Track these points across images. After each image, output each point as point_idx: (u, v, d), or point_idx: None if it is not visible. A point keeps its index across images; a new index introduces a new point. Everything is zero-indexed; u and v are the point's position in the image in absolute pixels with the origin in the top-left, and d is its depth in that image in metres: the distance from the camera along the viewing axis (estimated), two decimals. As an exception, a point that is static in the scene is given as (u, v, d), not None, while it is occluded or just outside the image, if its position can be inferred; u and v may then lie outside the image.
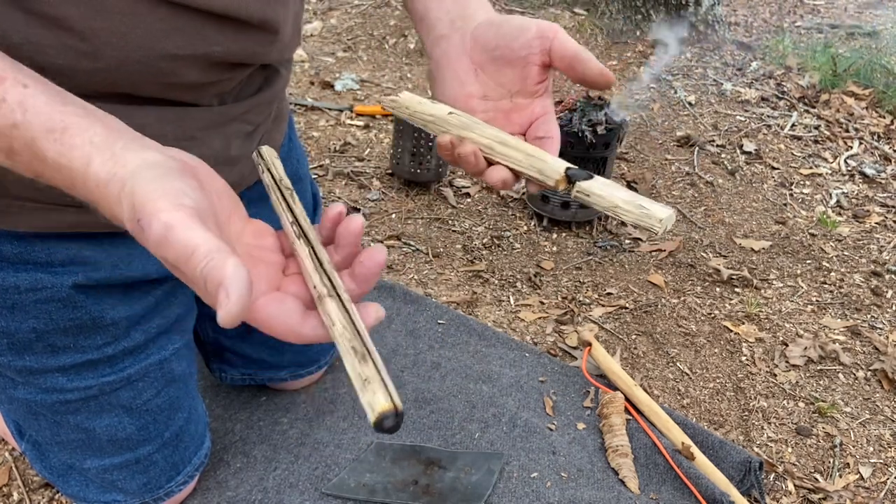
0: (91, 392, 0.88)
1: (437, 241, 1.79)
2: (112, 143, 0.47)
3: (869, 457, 1.31)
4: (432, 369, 1.35)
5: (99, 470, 0.95)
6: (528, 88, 0.67)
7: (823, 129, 2.52)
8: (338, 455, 1.16)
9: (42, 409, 0.90)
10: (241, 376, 1.22)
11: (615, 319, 1.58)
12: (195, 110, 0.76)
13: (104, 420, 0.91)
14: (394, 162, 1.94)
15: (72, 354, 0.85)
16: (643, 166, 2.19)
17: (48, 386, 0.87)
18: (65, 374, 0.86)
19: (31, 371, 0.85)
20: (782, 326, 1.60)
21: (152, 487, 1.00)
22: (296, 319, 0.47)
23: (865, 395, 1.44)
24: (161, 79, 0.68)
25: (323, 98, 2.44)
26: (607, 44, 3.06)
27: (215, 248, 0.41)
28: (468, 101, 0.68)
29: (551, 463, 1.17)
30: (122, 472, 0.96)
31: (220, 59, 0.70)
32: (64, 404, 0.89)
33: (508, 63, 0.66)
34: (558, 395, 1.32)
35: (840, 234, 1.97)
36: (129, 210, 0.44)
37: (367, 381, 0.44)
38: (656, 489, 1.16)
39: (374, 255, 0.49)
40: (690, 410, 1.37)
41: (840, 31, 3.53)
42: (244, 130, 0.84)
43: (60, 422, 0.91)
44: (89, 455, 0.94)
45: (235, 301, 0.39)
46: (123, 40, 0.63)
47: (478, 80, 0.69)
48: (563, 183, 0.62)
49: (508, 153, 0.64)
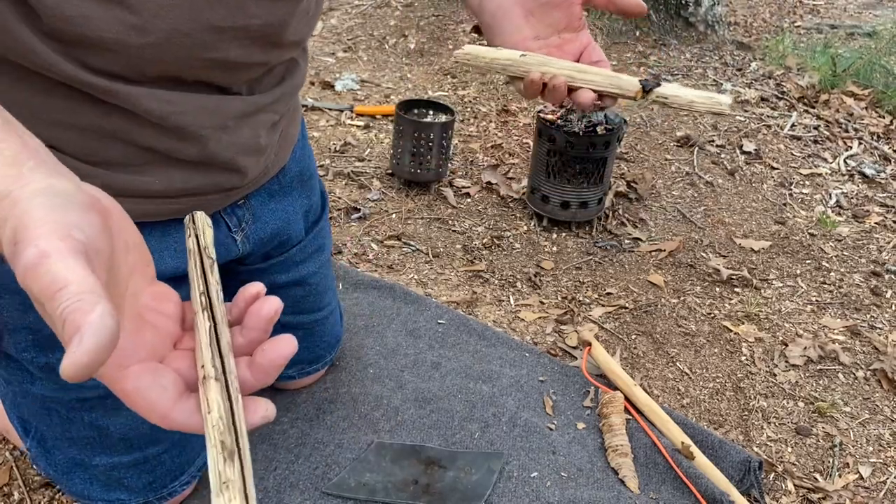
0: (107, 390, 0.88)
1: (437, 241, 1.79)
2: (23, 160, 0.41)
3: (868, 456, 1.31)
4: (432, 369, 1.35)
5: (106, 467, 0.96)
6: (573, 24, 0.81)
7: (823, 129, 2.53)
8: (338, 454, 1.16)
9: (58, 405, 0.90)
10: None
11: (615, 319, 1.58)
12: (230, 99, 0.79)
13: (119, 419, 0.92)
14: (394, 162, 1.94)
15: None
16: (643, 166, 2.19)
17: (68, 383, 0.86)
18: None
19: (53, 368, 0.85)
20: (782, 326, 1.60)
21: (157, 486, 1.00)
22: (166, 398, 0.42)
23: (865, 394, 1.45)
24: (205, 54, 0.71)
25: (323, 98, 2.44)
26: (607, 44, 3.06)
27: (88, 290, 0.35)
28: (525, 43, 0.80)
29: (551, 462, 1.17)
30: (130, 471, 0.97)
31: (258, 32, 0.74)
32: (81, 402, 0.89)
33: (555, 5, 0.79)
34: (558, 394, 1.32)
35: (840, 234, 1.97)
36: (10, 232, 0.38)
37: (225, 485, 0.39)
38: (656, 489, 1.16)
39: (279, 347, 0.44)
40: (690, 410, 1.37)
41: (840, 31, 3.53)
42: (271, 120, 0.87)
43: (74, 419, 0.91)
44: (99, 452, 0.94)
45: (86, 350, 0.33)
46: (171, 12, 0.65)
47: (529, 24, 0.80)
48: (640, 93, 0.76)
49: (588, 78, 0.77)
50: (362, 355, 1.36)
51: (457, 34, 3.05)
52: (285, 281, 1.10)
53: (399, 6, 3.37)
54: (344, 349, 1.37)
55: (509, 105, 2.50)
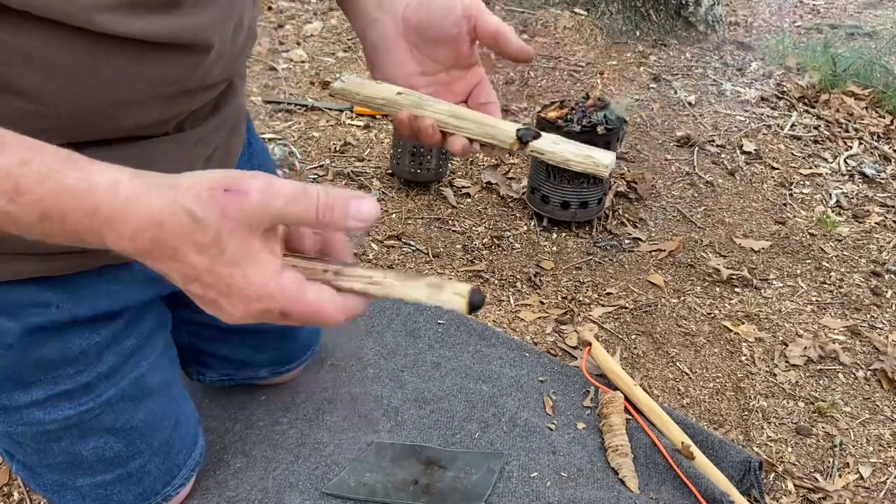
0: (71, 421, 0.87)
1: (437, 241, 1.79)
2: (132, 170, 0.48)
3: (868, 456, 1.31)
4: (432, 369, 1.35)
5: (92, 486, 0.94)
6: (462, 61, 0.72)
7: (823, 129, 2.53)
8: (338, 455, 1.16)
9: (24, 439, 0.88)
10: (220, 377, 1.20)
11: (615, 319, 1.58)
12: (157, 141, 0.74)
13: (89, 444, 0.90)
14: (394, 162, 1.94)
15: (44, 388, 0.83)
16: (643, 166, 2.19)
17: (26, 420, 0.85)
18: (40, 407, 0.84)
19: (5, 409, 0.84)
20: (782, 326, 1.60)
21: (149, 495, 0.99)
22: (339, 299, 0.50)
23: (865, 394, 1.45)
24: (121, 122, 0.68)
25: (323, 98, 2.44)
26: (607, 44, 3.06)
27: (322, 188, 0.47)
28: (410, 79, 0.72)
29: (551, 462, 1.17)
30: (117, 486, 0.95)
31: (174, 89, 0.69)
32: (45, 434, 0.87)
33: (441, 42, 0.71)
34: (558, 394, 1.32)
35: (840, 234, 1.97)
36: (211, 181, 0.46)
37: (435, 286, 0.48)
38: (656, 489, 1.16)
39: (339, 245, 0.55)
40: (690, 410, 1.37)
41: (840, 31, 3.53)
42: (205, 154, 0.83)
43: (45, 449, 0.89)
44: (80, 474, 0.93)
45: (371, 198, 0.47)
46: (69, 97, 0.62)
47: (414, 58, 0.73)
48: (516, 144, 0.68)
49: (462, 125, 0.69)
50: (362, 355, 1.36)
51: (457, 34, 3.04)
52: None
53: (399, 6, 3.37)
54: (344, 349, 1.37)
55: (509, 105, 2.50)
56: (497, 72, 2.74)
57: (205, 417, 1.21)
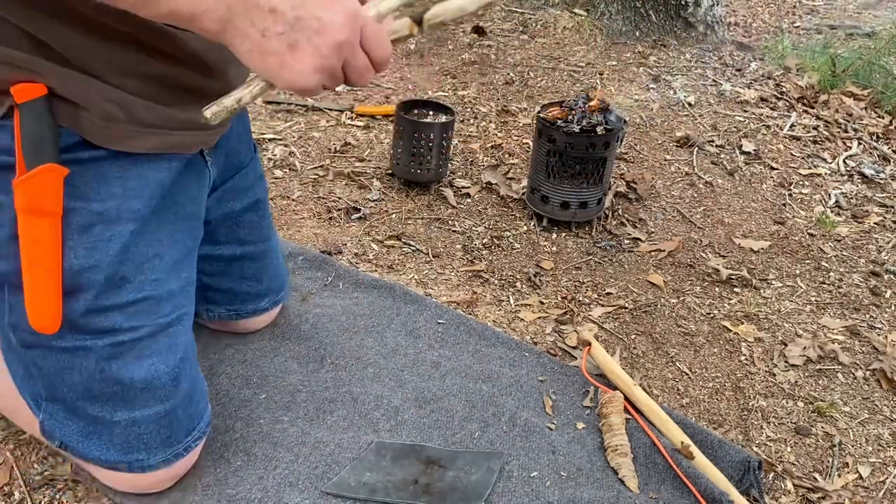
0: (140, 333, 0.97)
1: (437, 241, 1.79)
2: None
3: (868, 456, 1.32)
4: (432, 369, 1.35)
5: (127, 423, 1.00)
6: None
7: (822, 129, 2.53)
8: (338, 454, 1.16)
9: (85, 359, 0.95)
10: (228, 312, 1.32)
11: (615, 319, 1.58)
12: None
13: (143, 366, 0.98)
14: (394, 162, 1.95)
15: (133, 290, 0.95)
16: (643, 166, 2.20)
17: (106, 326, 0.95)
18: (123, 312, 0.95)
19: (100, 309, 0.93)
20: (781, 326, 1.60)
21: (173, 441, 1.04)
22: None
23: (864, 394, 1.45)
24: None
25: (323, 98, 2.45)
26: (607, 44, 3.06)
27: None
28: None
29: (551, 462, 1.18)
30: (150, 426, 1.01)
31: None
32: (115, 346, 0.95)
33: None
34: (558, 394, 1.33)
35: (839, 235, 1.97)
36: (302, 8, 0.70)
37: None
38: (656, 488, 1.16)
39: None
40: (690, 410, 1.37)
41: (839, 31, 3.53)
42: None
43: (103, 371, 0.96)
44: (122, 407, 0.99)
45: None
46: None
47: None
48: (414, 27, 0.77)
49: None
50: (362, 355, 1.37)
51: (457, 34, 3.05)
52: (241, 207, 1.23)
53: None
54: (344, 349, 1.37)
55: (509, 105, 2.50)
56: (497, 72, 2.75)
57: (205, 417, 1.21)
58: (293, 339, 1.39)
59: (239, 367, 1.30)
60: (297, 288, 1.53)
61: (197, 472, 1.11)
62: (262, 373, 1.31)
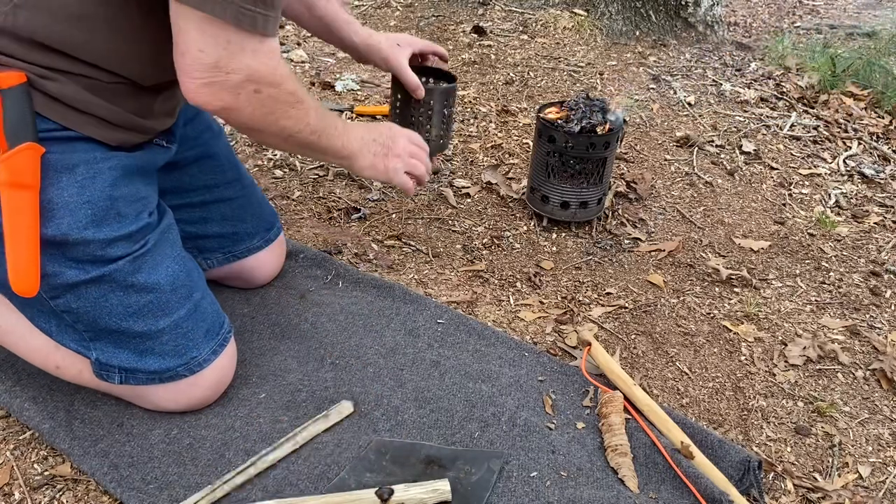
0: (148, 246, 1.12)
1: (437, 241, 1.79)
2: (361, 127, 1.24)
3: (868, 456, 1.32)
4: (432, 368, 1.35)
5: (172, 327, 1.14)
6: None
7: (822, 129, 2.53)
8: (338, 454, 1.16)
9: (112, 281, 1.09)
10: (224, 256, 1.44)
11: (614, 319, 1.58)
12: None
13: (162, 271, 1.13)
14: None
15: (132, 222, 1.10)
16: (643, 166, 2.20)
17: (118, 254, 1.09)
18: (130, 240, 1.10)
19: (107, 242, 1.07)
20: (781, 326, 1.60)
21: (214, 331, 1.20)
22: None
23: (864, 394, 1.45)
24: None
25: (323, 99, 2.45)
26: (607, 44, 3.06)
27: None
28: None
29: (551, 462, 1.18)
30: (189, 323, 1.16)
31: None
32: (133, 261, 1.10)
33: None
34: (558, 394, 1.33)
35: (839, 235, 1.97)
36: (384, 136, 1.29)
37: None
38: (655, 488, 1.16)
39: None
40: (689, 410, 1.37)
41: (839, 31, 3.53)
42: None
43: (133, 285, 1.10)
44: (160, 315, 1.13)
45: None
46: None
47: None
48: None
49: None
50: (362, 354, 1.37)
51: (457, 34, 3.05)
52: (195, 156, 1.36)
53: (399, 7, 3.38)
54: (344, 348, 1.37)
55: (509, 105, 2.50)
56: (497, 72, 2.75)
57: (206, 415, 1.21)
58: (293, 338, 1.39)
59: (238, 366, 1.30)
60: (296, 286, 1.54)
61: (197, 470, 1.11)
62: (262, 372, 1.31)
